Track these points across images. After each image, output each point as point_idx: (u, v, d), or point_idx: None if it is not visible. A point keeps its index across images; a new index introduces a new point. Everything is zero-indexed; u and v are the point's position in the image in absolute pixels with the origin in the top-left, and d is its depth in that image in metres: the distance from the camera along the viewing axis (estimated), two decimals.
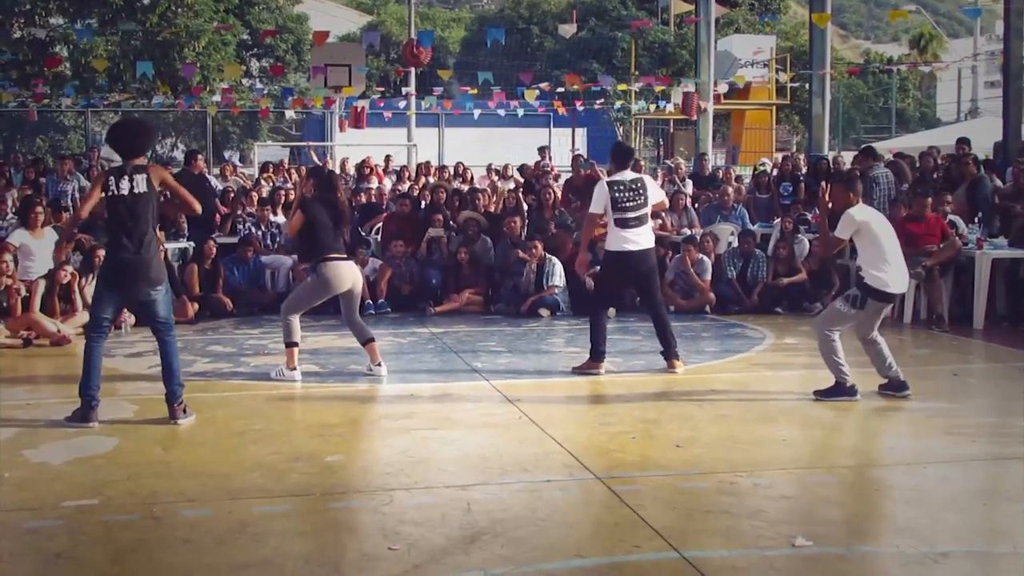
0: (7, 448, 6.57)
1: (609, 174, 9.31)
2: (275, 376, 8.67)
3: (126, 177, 7.11)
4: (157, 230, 7.33)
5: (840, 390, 7.80)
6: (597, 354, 8.98)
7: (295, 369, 8.67)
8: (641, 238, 8.89)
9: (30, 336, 10.26)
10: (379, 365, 8.81)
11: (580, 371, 8.96)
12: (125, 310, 9.86)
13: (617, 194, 8.83)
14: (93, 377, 7.13)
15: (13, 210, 12.90)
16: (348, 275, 8.64)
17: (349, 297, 8.78)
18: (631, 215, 8.84)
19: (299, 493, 5.66)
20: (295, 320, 8.71)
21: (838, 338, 7.83)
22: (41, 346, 10.23)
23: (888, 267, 7.69)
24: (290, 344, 8.70)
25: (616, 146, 9.78)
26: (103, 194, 7.16)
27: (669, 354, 9.00)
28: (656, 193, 9.27)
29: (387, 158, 21.48)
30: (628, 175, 9.04)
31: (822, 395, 7.84)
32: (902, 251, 7.60)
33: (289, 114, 31.57)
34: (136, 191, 7.11)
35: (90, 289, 10.91)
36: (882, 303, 7.83)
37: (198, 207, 7.71)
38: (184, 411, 7.25)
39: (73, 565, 4.68)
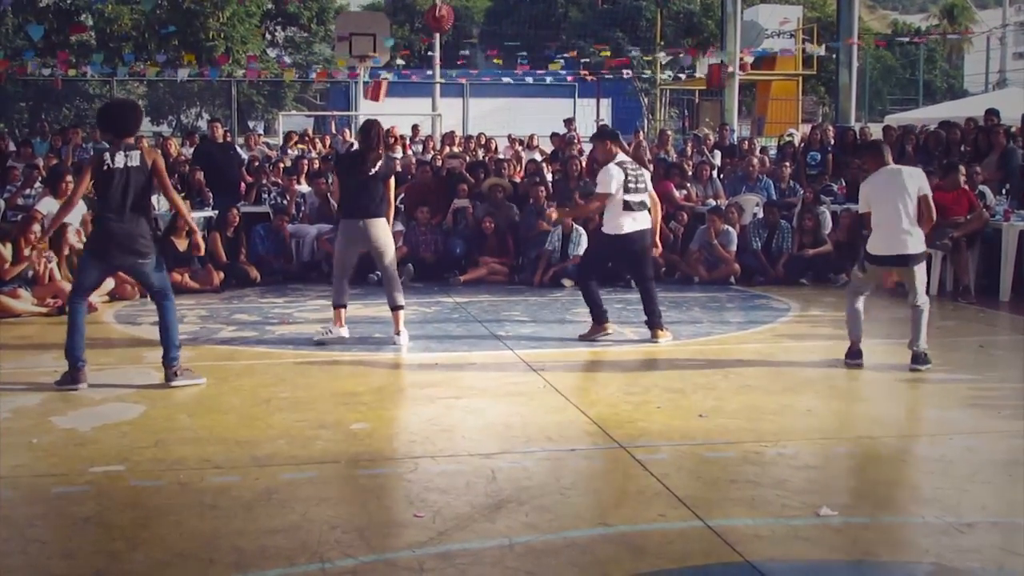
0: (35, 414, 6.63)
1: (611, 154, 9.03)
2: (321, 334, 8.85)
3: (121, 152, 7.23)
4: (150, 207, 7.42)
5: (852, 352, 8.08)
6: (600, 315, 9.04)
7: (343, 326, 8.88)
8: (640, 220, 8.89)
9: (58, 304, 10.29)
10: (398, 334, 8.85)
11: (587, 337, 8.99)
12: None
13: (628, 175, 8.78)
14: (76, 338, 7.28)
15: (40, 179, 12.94)
16: (358, 233, 8.75)
17: (374, 256, 8.97)
18: (637, 199, 8.83)
19: (325, 460, 5.69)
20: (343, 283, 8.97)
21: (860, 304, 8.08)
22: None
23: (878, 231, 7.87)
24: (338, 305, 8.93)
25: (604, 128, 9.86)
26: (95, 173, 7.26)
27: (652, 323, 9.04)
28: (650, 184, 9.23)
29: (415, 127, 21.30)
30: (628, 159, 9.08)
31: (847, 358, 8.06)
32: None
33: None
34: (130, 164, 7.22)
35: None
36: (873, 266, 8.00)
37: (183, 208, 8.08)
38: (176, 374, 7.37)
39: (100, 530, 4.72)
